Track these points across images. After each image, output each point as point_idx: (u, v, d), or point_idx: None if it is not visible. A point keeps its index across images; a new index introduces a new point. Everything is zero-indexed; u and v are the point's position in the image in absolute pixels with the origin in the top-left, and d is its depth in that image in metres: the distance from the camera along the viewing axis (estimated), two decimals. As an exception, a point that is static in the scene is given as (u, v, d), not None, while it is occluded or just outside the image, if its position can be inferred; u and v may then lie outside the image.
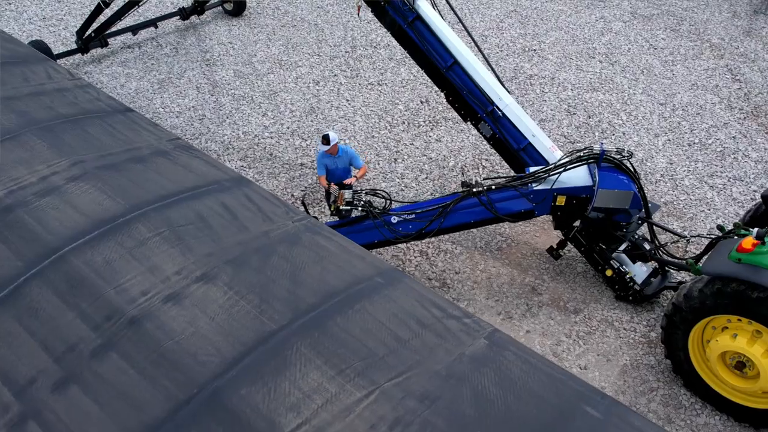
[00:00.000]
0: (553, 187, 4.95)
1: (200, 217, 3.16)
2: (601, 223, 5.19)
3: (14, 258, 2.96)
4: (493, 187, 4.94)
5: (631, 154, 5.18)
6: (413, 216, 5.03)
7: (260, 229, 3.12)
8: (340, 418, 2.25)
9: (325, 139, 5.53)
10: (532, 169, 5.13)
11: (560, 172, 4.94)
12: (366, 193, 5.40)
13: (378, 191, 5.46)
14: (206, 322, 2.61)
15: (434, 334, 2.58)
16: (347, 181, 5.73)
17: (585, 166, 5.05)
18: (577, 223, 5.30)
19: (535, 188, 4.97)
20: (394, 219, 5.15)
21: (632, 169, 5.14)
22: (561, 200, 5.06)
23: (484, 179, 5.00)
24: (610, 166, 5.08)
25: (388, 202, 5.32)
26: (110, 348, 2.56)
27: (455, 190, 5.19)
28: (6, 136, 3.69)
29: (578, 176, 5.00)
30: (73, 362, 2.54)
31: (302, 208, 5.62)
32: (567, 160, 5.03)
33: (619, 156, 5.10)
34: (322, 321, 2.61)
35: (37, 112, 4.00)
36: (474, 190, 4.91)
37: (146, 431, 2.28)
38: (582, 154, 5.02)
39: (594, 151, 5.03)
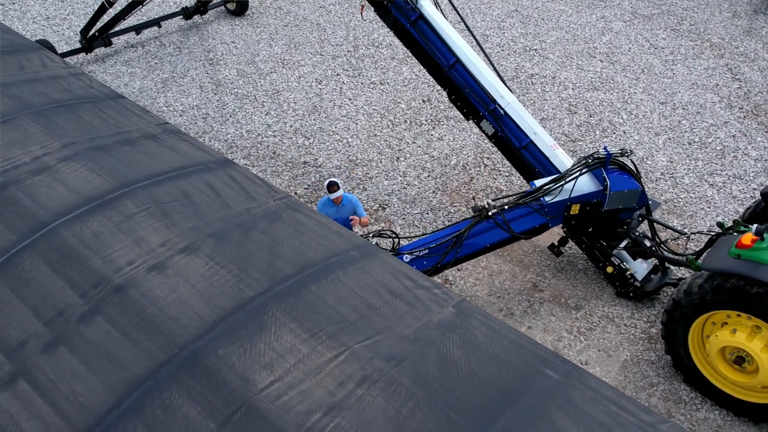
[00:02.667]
0: (567, 196, 4.91)
1: (185, 194, 3.31)
2: (604, 222, 5.24)
3: (7, 231, 3.11)
4: (506, 207, 4.83)
5: (630, 152, 5.25)
6: (426, 251, 4.82)
7: (242, 206, 3.27)
8: (311, 375, 2.40)
9: (334, 186, 5.07)
10: (538, 182, 5.07)
11: (568, 181, 4.93)
12: (372, 236, 5.12)
13: (384, 231, 5.22)
14: (188, 290, 2.77)
15: (404, 302, 2.72)
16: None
17: (590, 171, 5.05)
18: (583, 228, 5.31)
19: (548, 201, 4.92)
20: (406, 258, 4.90)
21: (634, 167, 5.21)
22: (575, 209, 5.06)
23: (493, 200, 4.90)
24: (614, 166, 5.12)
25: (397, 241, 5.05)
26: (96, 313, 2.73)
27: (465, 216, 5.05)
28: (1, 120, 3.85)
29: (587, 182, 5.01)
30: (62, 326, 2.71)
31: None
32: (576, 168, 5.01)
33: (623, 156, 5.16)
34: (298, 289, 2.77)
35: (31, 97, 4.14)
36: (490, 212, 4.78)
37: (129, 388, 2.44)
38: (590, 161, 5.01)
39: (600, 156, 5.03)
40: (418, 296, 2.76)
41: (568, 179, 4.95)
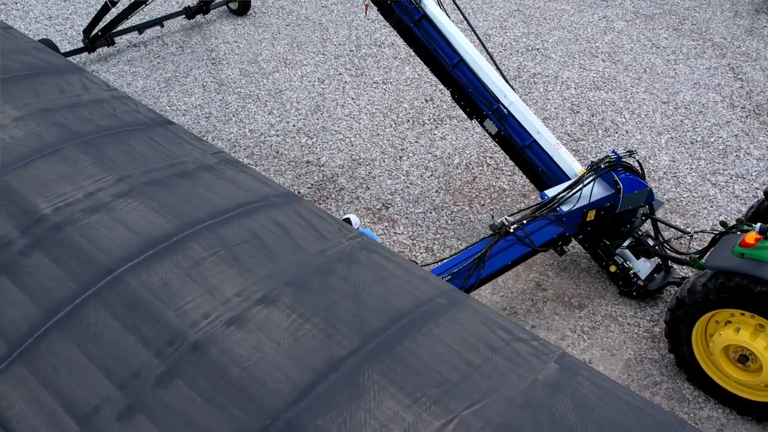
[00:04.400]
0: (584, 203, 4.88)
1: (254, 235, 3.06)
2: (610, 222, 5.24)
3: (68, 279, 2.86)
4: (524, 221, 4.75)
5: (634, 152, 5.27)
6: (449, 276, 4.66)
7: (316, 247, 3.03)
8: None
9: (347, 223, 4.81)
10: (550, 192, 5.00)
11: (582, 188, 4.90)
12: None
13: None
14: (272, 347, 2.53)
15: (504, 358, 2.52)
16: None
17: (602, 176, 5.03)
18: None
19: (566, 211, 4.86)
20: None
21: (640, 166, 5.24)
22: (591, 215, 5.03)
23: (509, 216, 4.80)
24: (620, 168, 5.13)
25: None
26: (175, 374, 2.48)
27: (482, 237, 4.87)
28: (48, 150, 3.60)
29: (600, 187, 5.00)
30: (138, 390, 2.46)
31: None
32: (589, 174, 4.99)
33: (629, 157, 5.17)
34: (391, 346, 2.54)
35: (76, 125, 3.88)
36: (511, 229, 4.68)
37: None
38: (602, 165, 5.00)
39: (610, 159, 5.03)
40: (518, 350, 2.55)
41: (581, 186, 4.89)
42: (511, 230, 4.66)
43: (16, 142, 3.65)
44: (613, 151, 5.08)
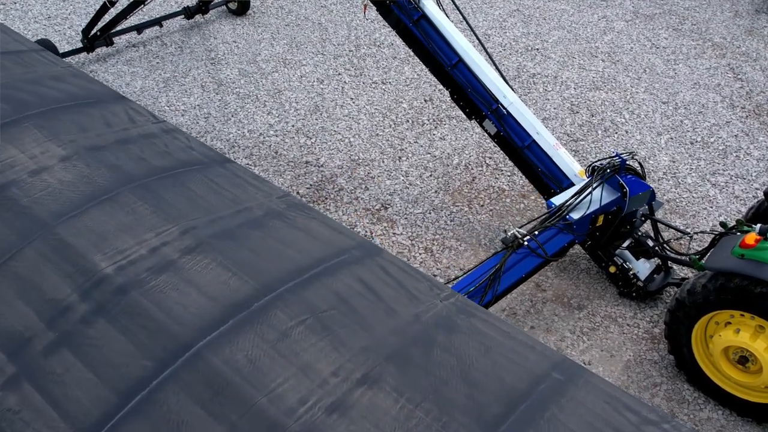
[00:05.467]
0: (593, 209, 4.84)
1: (341, 298, 2.74)
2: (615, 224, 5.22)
3: (140, 355, 2.51)
4: (536, 232, 4.67)
5: (635, 153, 5.27)
6: (465, 296, 4.72)
7: (409, 311, 2.73)
8: None
9: None
10: (556, 200, 4.94)
11: (589, 193, 4.87)
12: None
13: None
14: None
15: None
16: None
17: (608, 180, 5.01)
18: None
19: (575, 218, 4.81)
20: None
21: (641, 167, 5.23)
22: (600, 220, 5.01)
23: (520, 229, 4.71)
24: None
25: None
26: None
27: (494, 251, 4.77)
28: (103, 196, 3.24)
29: (606, 191, 4.97)
30: None
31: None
32: (596, 179, 4.95)
33: (631, 159, 5.16)
34: None
35: (129, 165, 3.53)
36: (524, 241, 4.59)
37: None
38: (608, 171, 4.97)
39: (615, 163, 5.01)
40: None
41: (589, 192, 4.85)
42: (525, 242, 4.58)
43: (65, 187, 3.27)
44: (617, 154, 5.06)
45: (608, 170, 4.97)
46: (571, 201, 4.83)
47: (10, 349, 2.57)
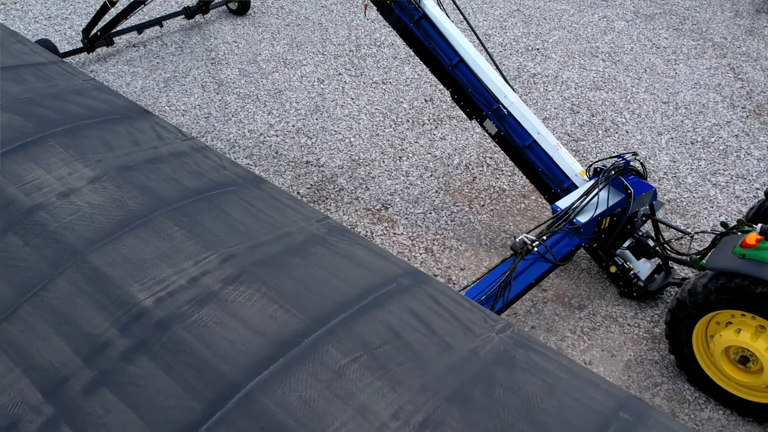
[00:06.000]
0: (599, 211, 4.82)
1: (394, 332, 2.60)
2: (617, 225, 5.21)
3: (188, 397, 2.34)
4: (545, 237, 4.63)
5: (637, 153, 5.27)
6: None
7: (465, 346, 2.59)
8: None
9: None
10: (561, 204, 4.90)
11: (594, 195, 4.85)
12: None
13: None
14: None
15: None
16: None
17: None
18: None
19: (582, 221, 4.78)
20: None
21: (642, 167, 5.23)
22: (606, 222, 5.01)
23: (528, 234, 4.64)
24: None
25: None
26: None
27: (502, 260, 4.68)
28: (137, 221, 3.07)
29: (611, 193, 4.96)
30: None
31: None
32: (602, 182, 4.93)
33: (635, 160, 5.17)
34: None
35: (162, 187, 3.37)
36: (534, 246, 4.54)
37: None
38: (613, 171, 4.97)
39: (619, 165, 5.00)
40: None
41: (594, 194, 4.84)
42: (535, 248, 4.54)
43: (96, 211, 3.12)
44: (620, 156, 5.06)
45: (612, 172, 4.96)
46: (577, 204, 4.81)
47: (46, 388, 2.42)
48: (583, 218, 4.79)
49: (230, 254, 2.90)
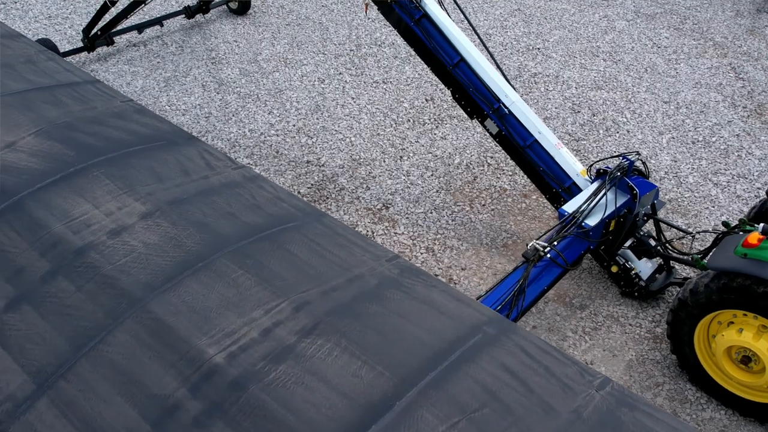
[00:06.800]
0: (606, 214, 4.81)
1: (490, 392, 2.38)
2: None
3: None
4: (555, 243, 4.59)
5: (639, 153, 5.26)
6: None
7: (567, 406, 2.40)
8: None
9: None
10: (568, 207, 4.88)
11: (600, 198, 4.84)
12: None
13: None
14: None
15: None
16: None
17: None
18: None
19: (591, 225, 4.76)
20: None
21: (645, 166, 5.23)
22: (613, 224, 5.00)
23: (538, 240, 4.59)
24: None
25: None
26: None
27: (511, 269, 4.65)
28: (198, 264, 2.83)
29: (613, 194, 4.94)
30: None
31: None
32: (608, 184, 4.91)
33: (638, 160, 5.16)
34: None
35: (218, 223, 3.11)
36: (546, 253, 4.50)
37: None
38: (618, 173, 4.95)
39: (623, 166, 4.99)
40: None
41: (600, 197, 4.82)
42: (548, 255, 4.52)
43: (152, 252, 2.88)
44: (624, 156, 5.04)
45: (618, 173, 4.95)
46: (584, 207, 4.79)
47: None
48: (591, 221, 4.77)
49: (302, 301, 2.67)
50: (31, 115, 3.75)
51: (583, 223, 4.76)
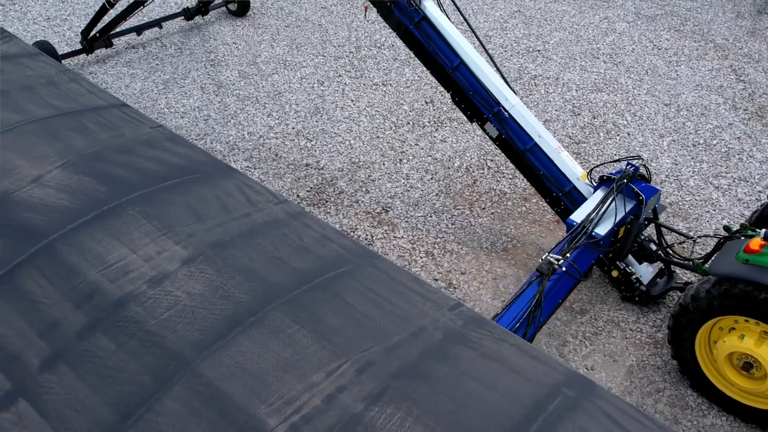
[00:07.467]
0: (615, 222, 4.78)
1: None
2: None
3: None
4: (568, 254, 4.54)
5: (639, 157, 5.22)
6: (517, 326, 4.33)
7: None
8: None
9: None
10: (575, 217, 4.84)
11: (608, 206, 4.81)
12: None
13: None
14: None
15: None
16: None
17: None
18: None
19: (602, 234, 4.72)
20: None
21: (647, 171, 5.19)
22: (621, 231, 4.96)
23: (552, 254, 4.53)
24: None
25: None
26: None
27: (523, 283, 4.59)
28: (249, 319, 2.58)
29: (620, 201, 4.91)
30: None
31: None
32: (614, 192, 4.87)
33: (642, 166, 5.13)
34: None
35: (267, 270, 2.86)
36: (562, 266, 4.46)
37: None
38: (624, 181, 4.92)
39: (628, 173, 4.96)
40: None
41: (608, 205, 4.79)
42: (563, 267, 4.47)
43: (198, 304, 2.64)
44: (628, 162, 5.01)
45: (624, 180, 4.92)
46: (593, 216, 4.75)
47: None
48: (601, 230, 4.73)
49: (366, 362, 2.45)
50: (57, 145, 3.51)
51: (593, 233, 4.72)
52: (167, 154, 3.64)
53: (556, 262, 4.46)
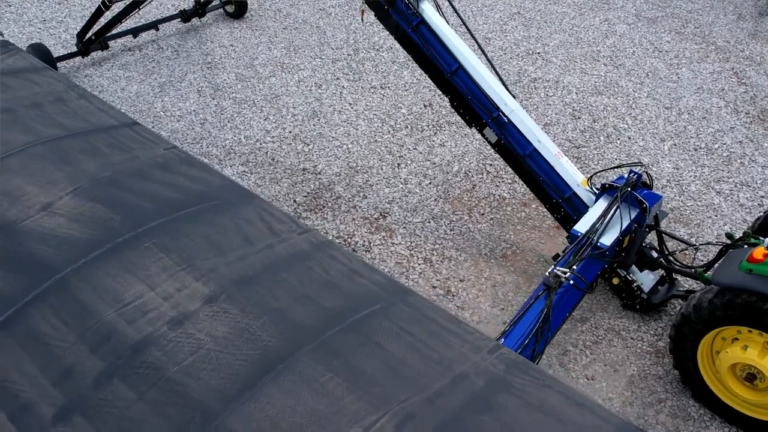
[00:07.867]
0: (620, 231, 4.71)
1: None
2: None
3: None
4: (575, 266, 4.47)
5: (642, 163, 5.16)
6: (521, 349, 4.23)
7: None
8: None
9: None
10: (580, 228, 4.77)
11: (612, 216, 4.75)
12: None
13: None
14: None
15: None
16: None
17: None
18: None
19: (608, 244, 4.66)
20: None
21: (648, 177, 5.12)
22: (626, 240, 4.89)
23: (558, 265, 4.47)
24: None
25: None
26: None
27: (530, 294, 4.54)
28: (278, 366, 2.45)
29: (624, 210, 4.84)
30: None
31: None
32: (618, 201, 4.80)
33: (645, 173, 5.06)
34: None
35: (294, 310, 2.69)
36: (569, 279, 4.38)
37: None
38: (628, 190, 4.85)
39: (631, 181, 4.90)
40: None
41: (612, 215, 4.72)
42: (571, 280, 4.40)
43: (222, 348, 2.48)
44: (631, 170, 4.94)
45: (628, 188, 4.84)
46: (598, 227, 4.68)
47: None
48: (607, 240, 4.66)
49: (405, 414, 2.30)
50: (67, 169, 3.33)
51: (599, 243, 4.65)
52: (182, 178, 3.48)
53: (563, 275, 4.37)
